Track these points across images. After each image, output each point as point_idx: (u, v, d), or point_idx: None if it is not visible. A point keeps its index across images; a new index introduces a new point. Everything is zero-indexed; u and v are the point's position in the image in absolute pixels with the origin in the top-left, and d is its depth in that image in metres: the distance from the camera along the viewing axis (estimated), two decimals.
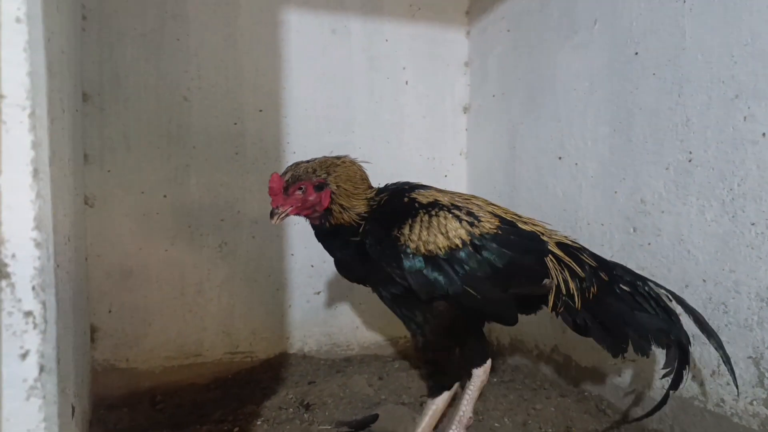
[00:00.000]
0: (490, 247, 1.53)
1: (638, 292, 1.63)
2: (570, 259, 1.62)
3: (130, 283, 2.29)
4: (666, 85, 1.74)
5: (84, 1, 2.18)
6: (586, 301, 1.61)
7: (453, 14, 2.79)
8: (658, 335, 1.58)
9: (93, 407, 2.07)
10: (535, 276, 1.59)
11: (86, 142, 2.19)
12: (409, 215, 1.55)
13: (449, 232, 1.52)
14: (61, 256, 0.84)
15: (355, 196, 1.61)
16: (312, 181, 1.58)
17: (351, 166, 1.66)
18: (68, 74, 1.27)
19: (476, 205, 1.65)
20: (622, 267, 1.70)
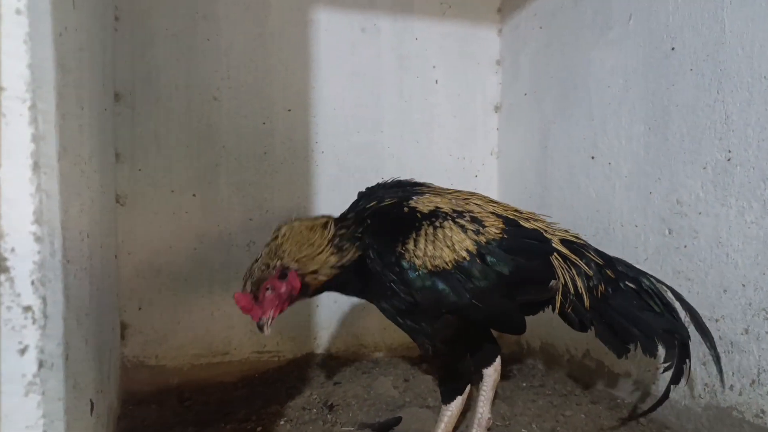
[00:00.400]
0: (497, 254, 1.47)
1: (643, 289, 1.60)
2: (576, 256, 1.58)
3: (160, 281, 2.32)
4: (704, 81, 1.67)
5: (117, 2, 2.21)
6: (594, 300, 1.57)
7: (485, 12, 2.74)
8: (664, 336, 1.55)
9: (122, 403, 2.10)
10: (542, 280, 1.55)
11: (118, 141, 2.23)
12: (413, 228, 1.47)
13: (455, 244, 1.45)
14: (74, 251, 0.84)
15: (318, 254, 1.48)
16: (273, 276, 1.46)
17: (294, 231, 1.51)
18: (92, 72, 1.28)
19: (476, 205, 1.60)
20: (624, 262, 1.67)
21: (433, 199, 1.57)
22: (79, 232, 0.94)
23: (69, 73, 0.84)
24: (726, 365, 1.63)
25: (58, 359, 0.69)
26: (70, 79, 0.85)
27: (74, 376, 0.81)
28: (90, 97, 1.19)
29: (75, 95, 0.91)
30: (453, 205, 1.56)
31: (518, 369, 2.43)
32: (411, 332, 1.58)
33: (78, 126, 0.95)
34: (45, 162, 0.66)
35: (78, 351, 0.88)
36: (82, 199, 0.99)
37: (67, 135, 0.81)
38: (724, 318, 1.64)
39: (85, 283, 1.02)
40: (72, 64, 0.87)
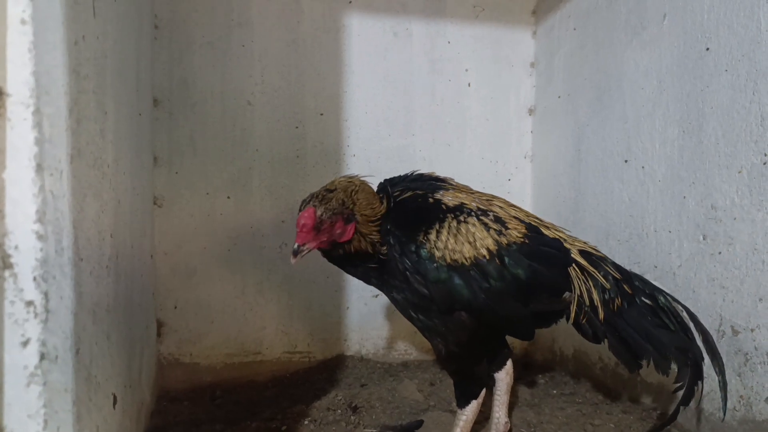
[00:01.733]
0: (516, 258, 1.46)
1: (659, 306, 1.56)
2: (594, 268, 1.54)
3: (195, 281, 2.38)
4: (740, 81, 1.61)
5: (156, 11, 2.29)
6: (609, 314, 1.53)
7: (519, 14, 2.72)
8: (678, 354, 1.51)
9: (157, 399, 2.17)
10: (558, 290, 1.53)
11: (156, 145, 2.30)
12: (437, 219, 1.46)
13: (477, 241, 1.44)
14: (90, 250, 0.88)
15: (372, 222, 1.48)
16: (344, 214, 1.45)
17: (365, 188, 1.52)
18: (121, 78, 1.33)
19: (499, 207, 1.59)
20: (641, 278, 1.64)
21: (458, 195, 1.56)
22: (99, 231, 0.98)
23: (87, 79, 0.88)
24: (762, 376, 1.57)
25: (66, 352, 0.72)
26: (88, 85, 0.89)
27: (87, 369, 0.85)
28: (117, 103, 1.24)
29: (95, 101, 0.95)
30: (477, 203, 1.55)
31: (550, 376, 2.39)
32: (424, 330, 1.57)
33: (99, 130, 0.99)
34: (51, 164, 0.69)
35: (95, 346, 0.92)
36: (102, 201, 1.03)
37: (83, 138, 0.85)
38: (759, 328, 1.58)
39: (105, 280, 1.06)
40: (91, 71, 0.91)
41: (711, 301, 1.73)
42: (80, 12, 0.84)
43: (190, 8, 2.34)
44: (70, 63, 0.76)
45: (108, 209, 1.09)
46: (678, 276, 1.86)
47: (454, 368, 1.59)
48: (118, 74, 1.24)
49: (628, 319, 1.54)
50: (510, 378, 1.67)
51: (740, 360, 1.63)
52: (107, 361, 1.08)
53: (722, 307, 1.69)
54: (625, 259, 2.09)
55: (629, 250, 2.08)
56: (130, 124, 1.54)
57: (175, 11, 2.32)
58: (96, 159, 0.95)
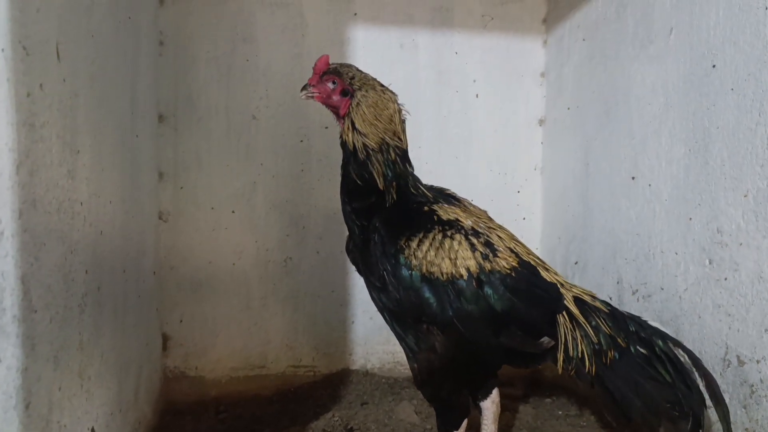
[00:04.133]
0: (496, 287, 1.43)
1: (655, 354, 1.46)
2: (584, 318, 1.48)
3: (200, 295, 2.40)
4: (746, 101, 1.54)
5: (161, 27, 2.31)
6: (601, 367, 1.46)
7: (529, 23, 2.66)
8: (667, 409, 1.41)
9: (161, 414, 2.19)
10: (535, 332, 1.47)
11: (161, 161, 2.32)
12: (423, 228, 1.46)
13: (458, 259, 1.42)
14: (48, 298, 0.89)
15: (371, 124, 1.55)
16: (344, 83, 1.58)
17: (386, 100, 1.59)
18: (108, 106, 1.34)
19: (498, 237, 1.54)
20: (637, 320, 1.54)
21: (458, 212, 1.55)
22: (66, 273, 0.99)
23: (47, 126, 0.88)
24: (767, 410, 1.51)
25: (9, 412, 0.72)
26: (49, 132, 0.90)
27: (45, 418, 0.85)
28: (98, 134, 1.25)
29: (59, 144, 0.96)
30: (475, 224, 1.53)
31: (557, 396, 2.34)
32: (398, 339, 1.55)
33: (66, 172, 0.99)
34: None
35: (57, 391, 0.92)
36: (71, 241, 1.03)
37: (40, 188, 0.85)
38: (765, 359, 1.51)
39: (78, 319, 1.07)
40: (53, 117, 0.91)
41: (717, 329, 1.67)
42: (35, 62, 0.84)
43: (194, 24, 2.35)
44: (20, 117, 0.76)
45: (81, 246, 1.10)
46: (684, 300, 1.79)
47: (430, 394, 1.56)
48: (98, 105, 1.25)
49: (617, 371, 1.46)
50: (496, 407, 1.63)
51: (746, 392, 1.57)
52: (80, 399, 1.09)
53: (728, 335, 1.63)
54: (632, 279, 2.04)
55: (636, 270, 2.02)
56: (122, 149, 1.55)
57: (180, 27, 2.33)
58: (61, 203, 0.96)
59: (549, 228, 2.67)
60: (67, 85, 1.00)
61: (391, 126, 1.58)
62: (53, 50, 0.91)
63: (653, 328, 1.54)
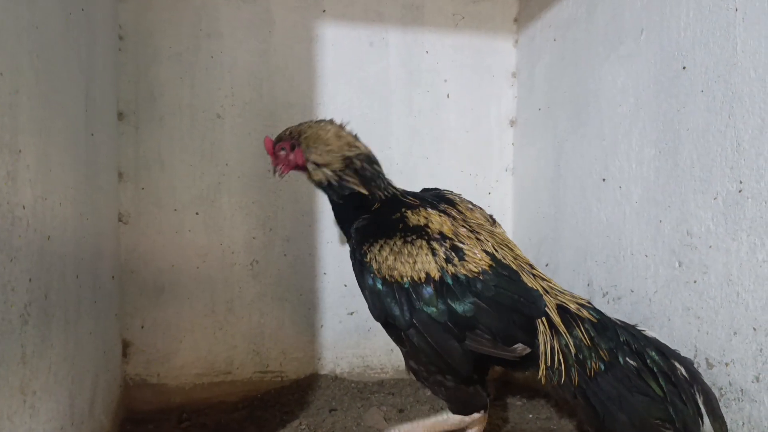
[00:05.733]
0: (460, 291, 1.42)
1: (647, 367, 1.41)
2: (565, 327, 1.44)
3: (163, 300, 2.31)
4: (715, 104, 1.53)
5: (121, 21, 2.22)
6: (583, 378, 1.42)
7: (501, 22, 2.63)
8: (657, 426, 1.37)
9: (121, 422, 2.11)
10: (504, 337, 1.42)
11: (121, 160, 2.23)
12: (386, 235, 1.50)
13: (417, 263, 1.44)
14: None
15: (327, 152, 1.66)
16: (287, 141, 1.71)
17: (322, 127, 1.71)
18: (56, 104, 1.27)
19: (479, 240, 1.51)
20: (631, 331, 1.49)
21: (433, 217, 1.55)
22: (2, 285, 0.92)
23: None
24: (736, 413, 1.50)
25: None
26: None
27: None
28: (44, 134, 1.18)
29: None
30: (447, 229, 1.52)
31: (529, 398, 2.31)
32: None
33: (5, 173, 0.92)
34: None
35: None
36: (11, 248, 0.97)
37: None
38: (734, 362, 1.50)
39: (18, 332, 1.00)
40: None
41: (686, 331, 1.66)
42: None
43: (156, 18, 2.27)
44: None
45: (23, 254, 1.03)
46: (654, 302, 1.78)
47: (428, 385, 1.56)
48: (45, 103, 1.18)
49: (602, 384, 1.41)
50: (480, 426, 1.58)
51: (715, 395, 1.56)
52: (22, 416, 1.02)
53: (697, 338, 1.62)
54: (603, 281, 2.02)
55: (606, 272, 2.01)
56: (75, 149, 1.47)
57: (141, 22, 2.25)
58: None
59: (520, 230, 2.65)
60: (6, 80, 0.93)
61: (341, 141, 1.69)
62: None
63: (648, 339, 1.47)
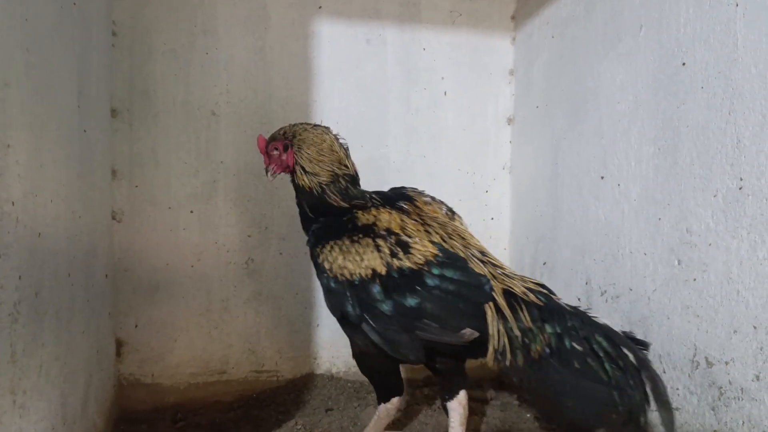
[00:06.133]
0: (405, 282, 1.48)
1: (592, 351, 1.41)
2: (509, 310, 1.46)
3: (157, 298, 2.29)
4: (715, 100, 1.52)
5: (115, 17, 2.20)
6: (528, 361, 1.44)
7: (498, 20, 2.62)
8: (601, 410, 1.37)
9: (114, 422, 2.09)
10: (450, 324, 1.46)
11: (115, 158, 2.21)
12: (336, 236, 1.58)
13: (364, 260, 1.52)
14: None
15: (318, 162, 1.69)
16: (282, 141, 1.72)
17: (320, 134, 1.73)
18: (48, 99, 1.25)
19: (428, 233, 1.58)
20: (582, 317, 1.49)
21: (381, 215, 1.62)
22: None
23: None
24: (736, 412, 1.49)
25: None
26: None
27: None
28: (35, 129, 1.16)
29: None
30: (395, 225, 1.59)
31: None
32: None
33: None
34: None
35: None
36: None
37: None
38: (734, 361, 1.49)
39: (7, 330, 0.98)
40: None
41: (685, 330, 1.65)
42: None
43: (151, 14, 2.24)
44: None
45: (13, 250, 1.00)
46: (652, 301, 1.77)
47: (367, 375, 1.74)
48: (36, 97, 1.15)
49: (546, 368, 1.42)
50: (464, 410, 1.60)
51: (714, 394, 1.55)
52: (12, 416, 1.00)
53: (696, 336, 1.61)
54: (601, 280, 2.01)
55: (605, 271, 2.00)
56: (68, 145, 1.45)
57: (135, 17, 2.22)
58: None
59: (517, 228, 2.63)
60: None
61: (334, 156, 1.72)
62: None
63: (598, 325, 1.48)
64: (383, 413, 1.67)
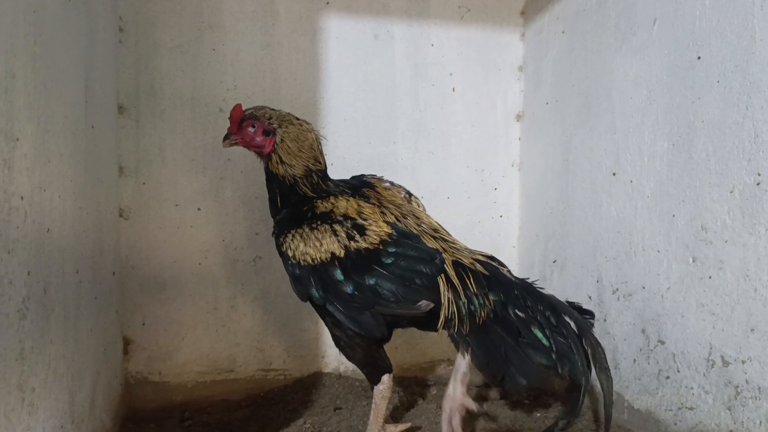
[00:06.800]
0: (362, 263, 1.56)
1: (535, 320, 1.49)
2: (458, 280, 1.54)
3: (164, 296, 2.28)
4: (732, 95, 1.50)
5: (121, 13, 2.18)
6: (474, 326, 1.52)
7: (507, 15, 2.59)
8: (541, 374, 1.46)
9: (122, 421, 2.07)
10: (408, 298, 1.54)
11: (122, 155, 2.20)
12: (296, 225, 1.66)
13: (322, 245, 1.60)
14: None
15: (296, 156, 1.74)
16: (264, 125, 1.74)
17: (305, 132, 1.78)
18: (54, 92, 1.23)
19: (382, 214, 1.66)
20: (526, 288, 1.57)
21: (339, 202, 1.70)
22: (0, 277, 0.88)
23: None
24: (753, 411, 1.46)
25: None
26: None
27: None
28: (42, 122, 1.14)
29: None
30: (352, 210, 1.66)
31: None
32: None
33: (1, 161, 0.88)
34: None
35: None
36: (8, 240, 0.93)
37: None
38: (751, 360, 1.47)
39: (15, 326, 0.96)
40: None
41: (700, 328, 1.62)
42: None
43: (157, 10, 2.22)
44: None
45: (21, 245, 0.99)
46: (666, 299, 1.75)
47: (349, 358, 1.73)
48: (43, 90, 1.14)
49: (490, 334, 1.51)
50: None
51: (730, 393, 1.53)
52: (20, 414, 0.98)
53: (712, 335, 1.58)
54: (613, 278, 1.99)
55: (617, 268, 1.97)
56: (75, 140, 1.43)
57: (141, 13, 2.21)
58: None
59: (527, 225, 2.61)
60: (1, 63, 0.89)
61: (312, 153, 1.78)
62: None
63: (543, 295, 1.55)
64: (378, 396, 1.68)
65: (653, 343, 1.80)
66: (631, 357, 1.90)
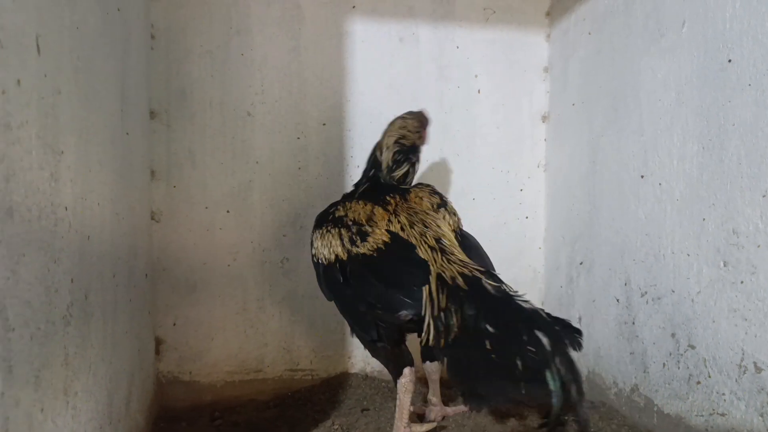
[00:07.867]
0: (357, 267, 1.63)
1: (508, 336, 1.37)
2: (436, 295, 1.52)
3: (194, 298, 2.32)
4: (764, 98, 1.48)
5: (153, 20, 2.22)
6: (448, 341, 1.47)
7: (532, 16, 2.58)
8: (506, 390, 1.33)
9: (154, 420, 2.12)
10: (392, 306, 1.56)
11: (153, 159, 2.24)
12: (319, 226, 1.84)
13: (331, 247, 1.72)
14: (27, 314, 0.81)
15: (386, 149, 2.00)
16: None
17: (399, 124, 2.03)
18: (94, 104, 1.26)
19: (389, 222, 1.71)
20: (506, 301, 1.45)
21: (354, 207, 1.79)
22: (47, 286, 0.91)
23: (24, 126, 0.80)
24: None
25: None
26: (27, 133, 0.82)
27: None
28: (85, 134, 1.17)
29: (40, 146, 0.88)
30: (363, 216, 1.74)
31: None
32: None
33: (49, 175, 0.91)
34: None
35: (40, 413, 0.85)
36: (53, 250, 0.96)
37: (16, 196, 0.77)
38: None
39: (62, 332, 1.00)
40: (32, 116, 0.83)
41: (732, 333, 1.61)
42: (11, 56, 0.77)
43: (187, 16, 2.26)
44: None
45: (66, 254, 1.02)
46: (696, 303, 1.73)
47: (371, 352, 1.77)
48: (84, 102, 1.17)
49: (463, 347, 1.44)
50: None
51: (763, 399, 1.51)
52: (65, 417, 1.02)
53: (744, 340, 1.57)
54: (641, 281, 1.98)
55: (645, 271, 1.96)
56: (112, 148, 1.47)
57: (172, 20, 2.25)
58: (42, 209, 0.88)
59: (553, 227, 2.60)
60: (49, 80, 0.92)
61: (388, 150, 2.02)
62: (33, 43, 0.83)
63: (522, 309, 1.43)
64: (401, 390, 1.69)
65: (683, 348, 1.78)
66: (661, 361, 1.88)
